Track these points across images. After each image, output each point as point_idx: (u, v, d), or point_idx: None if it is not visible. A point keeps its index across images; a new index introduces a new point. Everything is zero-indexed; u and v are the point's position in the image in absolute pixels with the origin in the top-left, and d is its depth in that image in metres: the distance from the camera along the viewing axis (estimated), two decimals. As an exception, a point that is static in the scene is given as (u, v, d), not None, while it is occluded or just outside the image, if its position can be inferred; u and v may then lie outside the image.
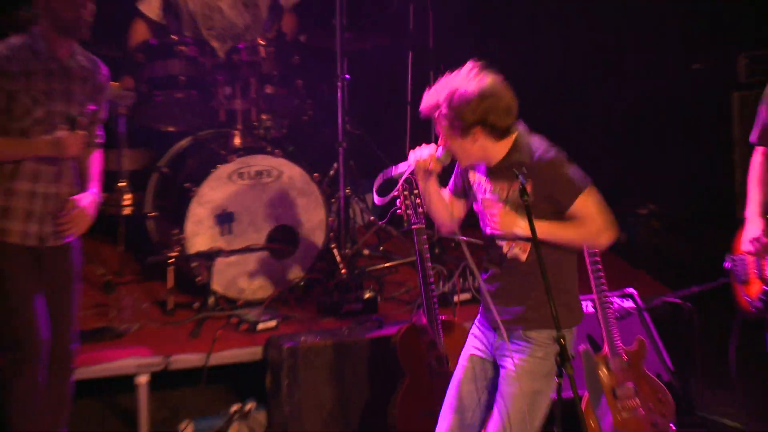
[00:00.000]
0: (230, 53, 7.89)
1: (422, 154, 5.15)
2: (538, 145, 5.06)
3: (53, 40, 6.04)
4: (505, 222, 5.07)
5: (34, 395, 6.41)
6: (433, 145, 5.25)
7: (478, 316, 5.53)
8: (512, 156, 5.00)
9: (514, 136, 5.03)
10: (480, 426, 5.50)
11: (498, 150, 5.03)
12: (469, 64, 5.12)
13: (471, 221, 5.69)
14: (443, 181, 5.98)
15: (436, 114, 5.07)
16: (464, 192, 5.40)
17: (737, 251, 6.46)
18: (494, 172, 5.06)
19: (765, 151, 6.30)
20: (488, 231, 5.28)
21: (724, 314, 7.01)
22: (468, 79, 5.02)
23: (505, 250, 5.23)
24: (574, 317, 5.26)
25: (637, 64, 9.67)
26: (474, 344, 5.43)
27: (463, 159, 5.09)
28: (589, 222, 5.09)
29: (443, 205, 5.38)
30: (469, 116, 4.93)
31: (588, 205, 5.06)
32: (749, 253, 6.36)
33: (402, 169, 5.36)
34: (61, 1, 6.02)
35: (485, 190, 5.23)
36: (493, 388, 5.44)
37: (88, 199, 6.35)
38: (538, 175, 4.98)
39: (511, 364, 5.16)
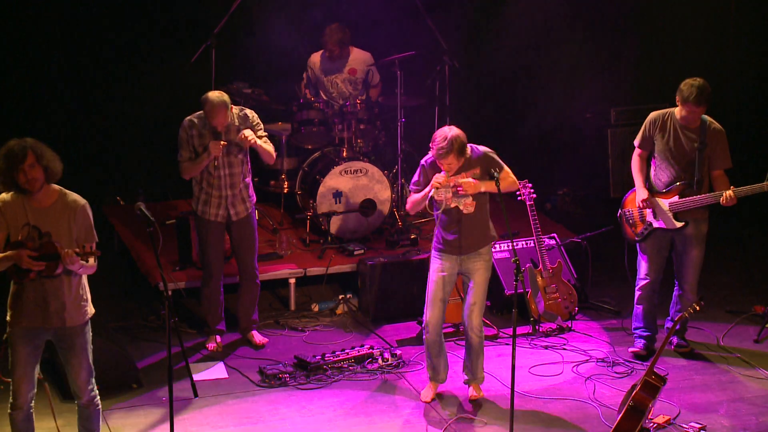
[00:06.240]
0: (341, 107, 9.48)
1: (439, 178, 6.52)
2: (473, 147, 6.74)
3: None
4: (472, 186, 6.62)
5: (211, 294, 7.87)
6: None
7: (440, 255, 6.72)
8: (466, 158, 6.66)
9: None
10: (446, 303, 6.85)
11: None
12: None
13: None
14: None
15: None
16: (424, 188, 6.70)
17: (625, 207, 7.77)
18: (459, 169, 6.67)
19: (640, 152, 7.66)
20: (449, 205, 6.50)
21: (605, 247, 9.03)
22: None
23: (463, 209, 6.77)
24: (494, 236, 6.99)
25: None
26: (440, 268, 6.85)
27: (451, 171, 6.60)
28: (510, 178, 6.79)
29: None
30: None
31: (507, 170, 6.81)
32: (638, 207, 7.54)
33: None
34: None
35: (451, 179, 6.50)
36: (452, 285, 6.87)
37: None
38: (483, 161, 6.73)
39: (480, 266, 6.83)
